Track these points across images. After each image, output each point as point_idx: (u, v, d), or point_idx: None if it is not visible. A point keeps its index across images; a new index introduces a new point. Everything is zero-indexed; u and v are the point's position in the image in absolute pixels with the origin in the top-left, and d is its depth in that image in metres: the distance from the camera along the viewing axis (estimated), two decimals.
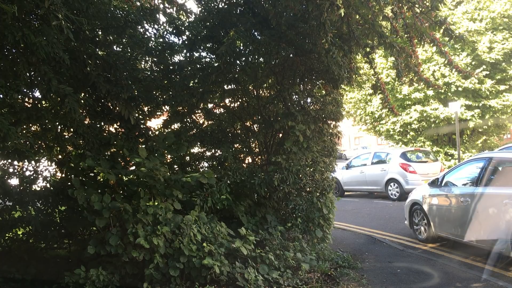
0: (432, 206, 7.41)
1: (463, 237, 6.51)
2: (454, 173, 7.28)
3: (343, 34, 5.77)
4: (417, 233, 7.90)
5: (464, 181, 6.87)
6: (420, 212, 7.78)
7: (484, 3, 17.60)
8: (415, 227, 7.96)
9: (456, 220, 6.66)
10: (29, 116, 5.31)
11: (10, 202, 5.77)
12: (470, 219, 6.28)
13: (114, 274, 4.83)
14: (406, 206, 8.23)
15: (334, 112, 6.62)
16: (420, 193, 7.85)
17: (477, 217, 6.17)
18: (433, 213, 7.35)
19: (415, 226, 7.98)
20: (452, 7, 18.24)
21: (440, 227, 7.18)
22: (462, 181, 6.93)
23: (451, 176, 7.27)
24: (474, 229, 6.25)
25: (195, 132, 7.00)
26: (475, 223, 6.22)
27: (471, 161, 7.08)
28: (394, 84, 18.51)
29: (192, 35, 6.44)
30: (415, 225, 7.96)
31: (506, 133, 23.98)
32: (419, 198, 7.78)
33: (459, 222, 6.59)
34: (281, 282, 5.11)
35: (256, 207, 6.37)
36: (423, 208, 7.60)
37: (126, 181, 5.52)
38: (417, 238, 7.87)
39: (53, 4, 3.45)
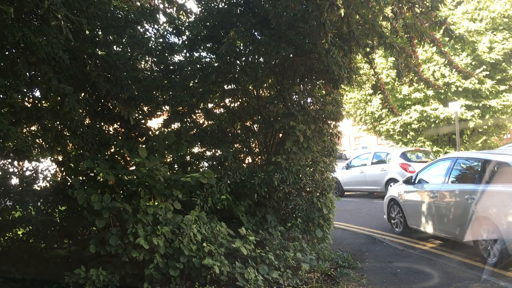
0: (406, 201, 8.15)
1: (431, 229, 7.37)
2: (426, 172, 7.99)
3: (343, 34, 5.77)
4: (394, 226, 8.64)
5: (434, 179, 7.57)
6: (396, 207, 8.51)
7: (484, 3, 17.60)
8: (392, 221, 8.68)
9: (426, 213, 7.44)
10: (29, 116, 5.31)
11: (10, 202, 5.77)
12: (437, 212, 7.14)
13: (114, 274, 4.83)
14: (385, 202, 8.97)
15: (334, 112, 6.61)
16: (397, 190, 8.58)
17: (443, 210, 7.01)
18: (407, 208, 8.11)
19: (392, 220, 8.69)
20: (452, 7, 18.24)
21: (413, 220, 7.93)
22: (432, 179, 7.64)
23: (423, 174, 7.97)
24: (440, 221, 7.09)
25: (195, 132, 7.00)
26: (441, 216, 7.06)
27: (440, 161, 7.92)
28: (394, 84, 18.51)
29: (192, 35, 6.44)
30: (392, 219, 8.67)
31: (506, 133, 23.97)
32: (396, 194, 8.51)
33: (428, 215, 7.37)
34: (281, 282, 5.11)
35: (256, 207, 6.37)
36: (399, 204, 8.36)
37: (126, 181, 5.52)
38: (394, 231, 8.55)
39: (53, 4, 3.45)
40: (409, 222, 8.08)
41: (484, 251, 6.14)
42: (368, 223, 9.91)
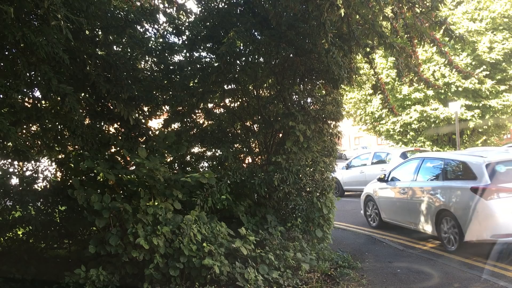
0: (380, 197, 9.01)
1: (402, 222, 8.32)
2: (398, 170, 8.87)
3: (343, 34, 5.77)
4: (370, 221, 9.41)
5: (404, 177, 8.45)
6: (372, 203, 9.33)
7: (484, 3, 17.61)
8: (368, 216, 9.47)
9: (397, 208, 8.39)
10: (29, 116, 5.31)
11: (10, 202, 5.77)
12: (407, 206, 8.07)
13: (114, 274, 4.83)
14: (361, 198, 9.77)
15: (334, 112, 6.61)
16: (372, 187, 9.37)
17: (411, 205, 7.93)
18: (381, 204, 8.98)
19: (368, 215, 9.49)
20: (452, 7, 18.25)
21: (387, 214, 8.83)
22: (403, 177, 8.51)
23: (395, 172, 8.84)
24: (409, 215, 8.00)
25: (195, 132, 6.99)
26: (410, 209, 7.97)
27: (410, 160, 8.87)
28: (394, 84, 18.51)
29: (192, 35, 6.44)
30: (368, 214, 9.47)
31: (506, 133, 23.98)
32: (371, 191, 9.32)
33: (399, 209, 8.32)
34: (281, 282, 5.11)
35: (256, 207, 6.37)
36: (374, 200, 9.19)
37: (126, 181, 5.52)
38: (370, 225, 9.30)
39: (53, 4, 3.45)
40: (383, 216, 8.94)
41: (445, 240, 7.06)
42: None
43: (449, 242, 6.95)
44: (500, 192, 6.28)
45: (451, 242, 6.90)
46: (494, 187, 6.33)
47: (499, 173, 6.55)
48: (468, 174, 6.84)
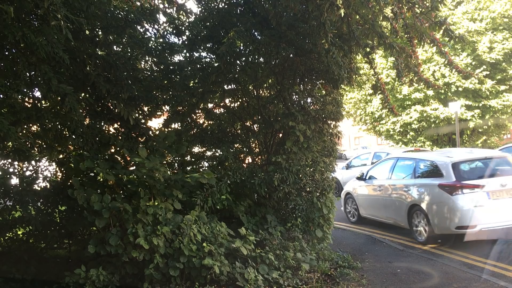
0: (359, 195, 9.69)
1: (378, 216, 9.02)
2: (374, 169, 9.63)
3: (343, 34, 5.77)
4: (350, 216, 10.07)
5: (381, 175, 9.18)
6: (351, 200, 10.02)
7: (484, 3, 17.61)
8: (348, 213, 10.14)
9: (374, 204, 9.08)
10: (29, 116, 5.30)
11: (10, 202, 5.77)
12: (383, 202, 8.80)
13: (114, 274, 4.83)
14: (342, 196, 10.38)
15: (334, 112, 6.61)
16: (351, 186, 10.03)
17: (386, 201, 8.68)
18: (360, 200, 9.68)
19: (347, 212, 10.16)
20: (452, 7, 18.24)
21: (365, 210, 9.52)
22: (379, 175, 9.23)
23: (372, 171, 9.58)
24: (385, 210, 8.74)
25: (195, 132, 6.99)
26: (385, 205, 8.72)
27: (386, 160, 9.61)
28: (394, 84, 18.51)
29: (192, 35, 6.43)
30: (348, 211, 10.15)
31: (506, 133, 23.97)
32: (351, 189, 9.95)
33: (376, 205, 9.00)
34: (281, 282, 5.11)
35: (256, 207, 6.37)
36: (353, 197, 9.86)
37: (126, 181, 5.52)
38: (349, 221, 9.94)
39: (53, 4, 3.45)
40: (361, 212, 9.65)
41: (416, 232, 7.81)
42: (368, 223, 9.90)
43: (419, 234, 7.71)
44: (463, 188, 7.01)
45: (421, 234, 7.65)
46: (459, 184, 7.07)
47: (463, 171, 7.40)
48: (436, 172, 7.63)
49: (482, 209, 6.86)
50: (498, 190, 7.02)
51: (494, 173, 7.45)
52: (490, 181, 7.11)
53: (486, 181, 7.10)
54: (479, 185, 7.00)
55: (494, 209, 6.89)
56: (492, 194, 6.98)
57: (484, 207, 6.87)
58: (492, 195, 6.98)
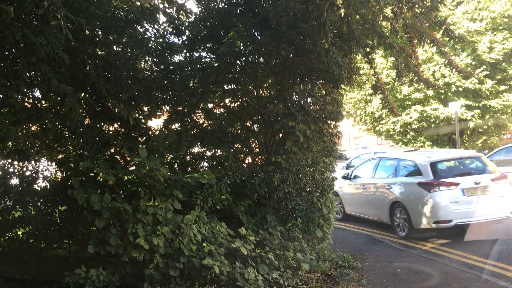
0: (344, 193, 10.28)
1: (362, 213, 9.57)
2: (359, 169, 10.28)
3: (343, 34, 5.77)
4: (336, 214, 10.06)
5: (364, 174, 9.79)
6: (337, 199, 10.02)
7: (484, 3, 17.60)
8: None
9: (359, 201, 9.58)
10: (29, 116, 5.30)
11: (10, 202, 5.77)
12: (366, 200, 9.40)
13: (114, 274, 4.83)
14: None
15: (334, 112, 6.61)
16: (338, 185, 10.18)
17: (370, 198, 9.29)
18: (345, 198, 10.23)
19: None
20: (452, 7, 18.24)
21: (350, 207, 10.12)
22: (363, 174, 9.85)
23: (357, 171, 10.21)
24: (368, 207, 9.34)
25: (195, 132, 6.99)
26: (369, 202, 9.32)
27: (370, 160, 10.29)
28: (394, 84, 18.51)
29: (192, 35, 6.43)
30: None
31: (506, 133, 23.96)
32: (337, 188, 10.15)
33: (360, 203, 9.51)
34: (281, 282, 5.11)
35: (256, 207, 6.37)
36: (339, 195, 10.21)
37: (126, 181, 5.52)
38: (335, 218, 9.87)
39: (53, 4, 3.45)
40: (346, 210, 10.23)
41: (397, 227, 8.39)
42: (368, 223, 9.90)
43: (400, 229, 8.29)
44: (440, 186, 7.64)
45: (402, 229, 8.24)
46: (436, 182, 7.70)
47: (440, 170, 8.04)
48: (416, 171, 8.28)
49: (457, 205, 7.51)
50: (472, 188, 7.68)
51: (468, 171, 8.20)
52: (464, 179, 7.75)
53: (461, 179, 7.74)
54: (454, 183, 7.65)
55: (468, 205, 7.54)
56: (466, 191, 7.65)
57: (459, 203, 7.52)
58: (467, 192, 7.65)
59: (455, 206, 7.50)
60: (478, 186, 7.71)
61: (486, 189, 7.77)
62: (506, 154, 10.81)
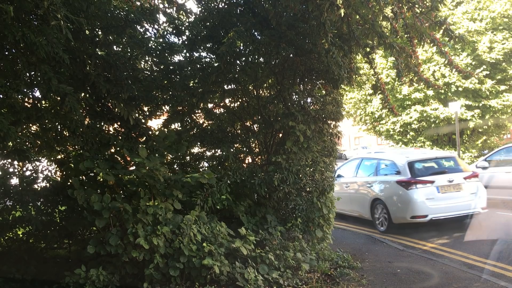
0: None
1: (345, 210, 9.99)
2: (342, 168, 10.77)
3: (343, 34, 5.76)
4: None
5: (347, 174, 10.38)
6: None
7: (484, 3, 17.60)
8: None
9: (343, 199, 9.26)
10: (29, 116, 5.30)
11: (10, 202, 5.77)
12: (349, 198, 9.87)
13: (114, 274, 4.83)
14: None
15: (334, 112, 6.61)
16: None
17: (353, 196, 9.83)
18: None
19: None
20: (452, 7, 18.23)
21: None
22: (346, 174, 10.44)
23: (340, 170, 10.71)
24: (351, 204, 9.85)
25: (195, 132, 6.99)
26: (352, 200, 9.85)
27: (352, 160, 10.90)
28: (394, 84, 18.50)
29: (192, 35, 6.43)
30: None
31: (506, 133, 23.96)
32: None
33: (343, 200, 9.27)
34: (281, 282, 5.11)
35: (256, 207, 6.36)
36: None
37: (126, 181, 5.52)
38: None
39: (53, 4, 3.45)
40: None
41: (378, 223, 8.95)
42: (368, 223, 9.90)
43: (381, 224, 8.89)
44: (417, 184, 8.27)
45: (382, 224, 8.83)
46: (413, 180, 8.33)
47: (417, 169, 8.63)
48: (394, 170, 8.92)
49: (432, 201, 8.17)
50: (446, 185, 8.34)
51: (443, 170, 8.90)
52: (439, 178, 8.43)
53: (436, 178, 8.41)
54: (430, 181, 8.31)
55: (442, 201, 8.20)
56: (441, 189, 8.29)
57: (434, 200, 8.18)
58: (441, 189, 8.29)
59: (430, 202, 8.14)
60: (451, 184, 8.36)
61: (459, 187, 8.41)
62: (506, 154, 10.80)
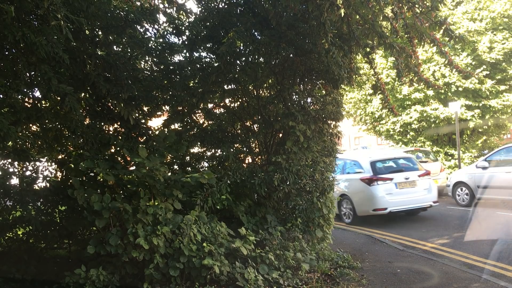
0: None
1: None
2: None
3: (343, 34, 5.76)
4: None
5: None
6: None
7: (484, 3, 17.58)
8: None
9: None
10: (29, 116, 5.30)
11: (10, 202, 5.77)
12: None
13: (114, 274, 4.83)
14: None
15: (334, 112, 6.61)
16: None
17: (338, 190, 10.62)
18: None
19: None
20: (452, 7, 18.22)
21: None
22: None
23: None
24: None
25: (195, 132, 6.99)
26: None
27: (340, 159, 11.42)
28: (394, 84, 18.48)
29: (192, 35, 6.43)
30: None
31: (506, 133, 23.94)
32: None
33: None
34: (281, 282, 5.11)
35: (256, 207, 6.36)
36: None
37: (126, 181, 5.52)
38: None
39: (53, 4, 3.45)
40: None
41: (344, 216, 10.33)
42: (368, 223, 9.91)
43: (347, 217, 10.24)
44: (378, 181, 9.58)
45: (348, 217, 10.18)
46: (375, 177, 9.63)
47: (378, 168, 9.91)
48: (359, 169, 10.18)
49: (391, 196, 9.51)
50: (403, 182, 9.73)
51: (400, 169, 10.17)
52: (397, 175, 9.79)
53: (394, 175, 9.78)
54: (389, 178, 9.67)
55: (400, 196, 9.57)
56: (399, 185, 9.68)
57: (393, 194, 9.54)
58: (399, 186, 9.68)
59: (389, 197, 9.48)
60: (407, 180, 9.77)
61: (414, 183, 9.83)
62: (506, 154, 10.79)
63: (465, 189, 11.45)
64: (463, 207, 11.26)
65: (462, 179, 11.59)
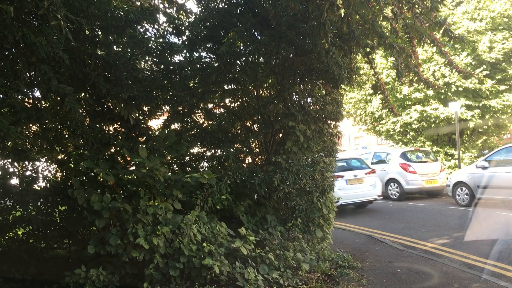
0: None
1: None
2: None
3: (343, 34, 5.76)
4: None
5: None
6: None
7: (484, 3, 17.58)
8: None
9: None
10: (29, 116, 5.30)
11: (10, 202, 5.77)
12: None
13: (114, 274, 4.83)
14: None
15: (334, 112, 6.61)
16: None
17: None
18: None
19: None
20: (452, 7, 18.22)
21: None
22: None
23: None
24: None
25: (195, 132, 6.99)
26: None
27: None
28: (394, 84, 18.47)
29: (192, 35, 6.43)
30: None
31: (506, 133, 23.93)
32: None
33: None
34: (281, 282, 5.11)
35: (256, 207, 6.37)
36: None
37: (126, 181, 5.52)
38: None
39: (53, 4, 3.44)
40: None
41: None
42: (368, 223, 9.92)
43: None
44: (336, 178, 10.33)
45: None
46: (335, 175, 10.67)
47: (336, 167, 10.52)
48: None
49: (342, 191, 11.01)
50: (352, 179, 11.56)
51: (350, 168, 11.99)
52: (347, 173, 11.60)
53: (345, 173, 11.53)
54: (341, 175, 11.17)
55: (349, 191, 11.30)
56: (349, 181, 11.47)
57: (344, 190, 11.16)
58: (349, 182, 11.48)
59: (341, 191, 10.80)
60: (356, 177, 11.59)
61: (361, 180, 11.66)
62: (506, 154, 10.79)
63: (465, 189, 11.46)
64: (463, 207, 11.27)
65: (462, 179, 11.60)
